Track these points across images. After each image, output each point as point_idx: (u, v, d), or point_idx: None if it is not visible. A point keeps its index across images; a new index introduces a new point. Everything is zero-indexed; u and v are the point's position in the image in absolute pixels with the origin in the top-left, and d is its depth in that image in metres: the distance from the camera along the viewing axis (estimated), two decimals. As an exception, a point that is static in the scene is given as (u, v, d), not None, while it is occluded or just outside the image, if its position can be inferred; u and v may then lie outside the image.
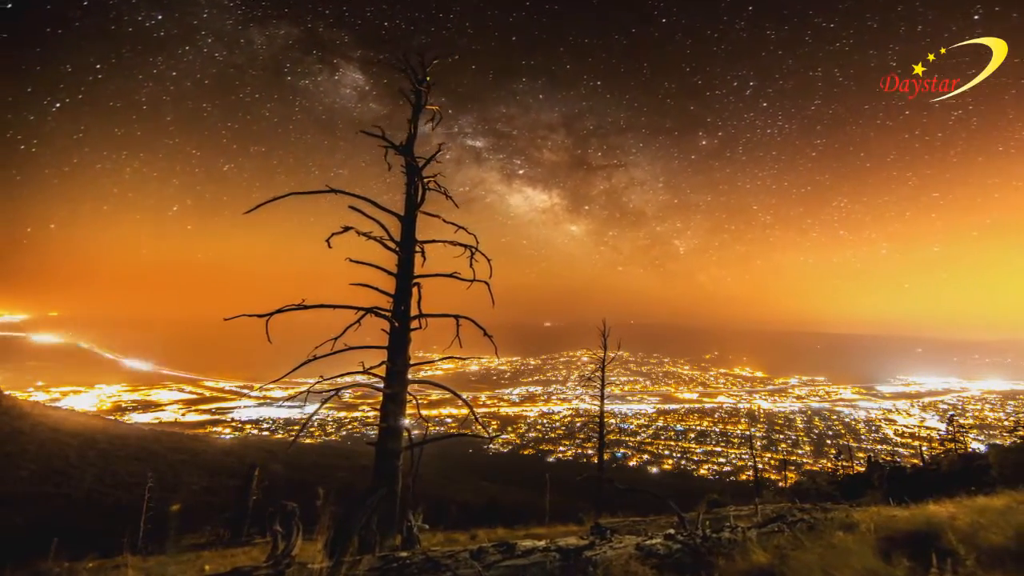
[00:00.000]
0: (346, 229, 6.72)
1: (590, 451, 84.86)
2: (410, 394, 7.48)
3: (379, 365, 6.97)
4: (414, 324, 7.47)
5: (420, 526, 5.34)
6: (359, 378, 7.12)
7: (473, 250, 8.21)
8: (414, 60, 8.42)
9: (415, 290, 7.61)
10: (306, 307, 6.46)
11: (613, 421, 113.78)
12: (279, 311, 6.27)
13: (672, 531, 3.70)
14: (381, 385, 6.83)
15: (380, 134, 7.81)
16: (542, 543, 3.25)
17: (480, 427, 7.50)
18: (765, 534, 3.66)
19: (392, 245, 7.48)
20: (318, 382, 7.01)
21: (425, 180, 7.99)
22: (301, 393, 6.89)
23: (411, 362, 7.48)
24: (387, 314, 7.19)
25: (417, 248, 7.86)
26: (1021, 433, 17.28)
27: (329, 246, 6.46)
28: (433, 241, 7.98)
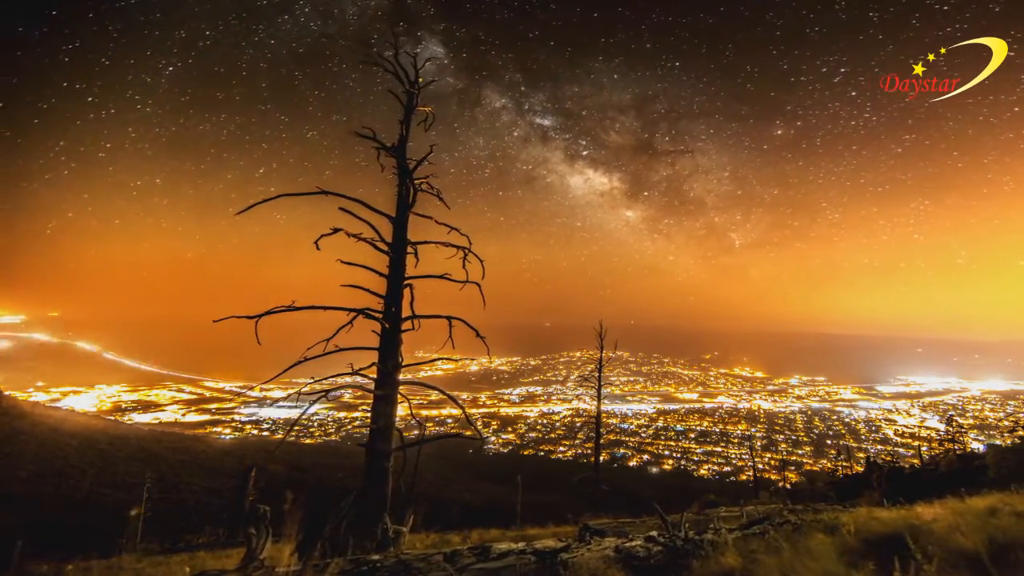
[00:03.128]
0: (335, 231, 6.72)
1: (590, 451, 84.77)
2: (402, 395, 7.49)
3: (370, 366, 6.98)
4: (406, 325, 7.48)
5: (397, 528, 5.34)
6: (357, 379, 7.13)
7: (466, 251, 8.22)
8: (405, 61, 8.42)
9: (407, 291, 7.62)
10: (296, 308, 6.47)
11: (613, 421, 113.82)
12: (269, 312, 6.27)
13: (654, 533, 3.70)
14: (372, 387, 6.83)
15: (371, 135, 7.80)
16: (519, 545, 3.24)
17: (472, 428, 7.51)
18: (747, 536, 3.66)
19: (383, 247, 7.48)
20: (310, 383, 7.03)
21: (417, 182, 7.99)
22: (292, 394, 6.91)
23: (403, 363, 7.49)
24: (378, 316, 7.19)
25: (409, 249, 7.86)
26: (1020, 433, 17.22)
27: (317, 248, 6.46)
28: (425, 242, 7.98)
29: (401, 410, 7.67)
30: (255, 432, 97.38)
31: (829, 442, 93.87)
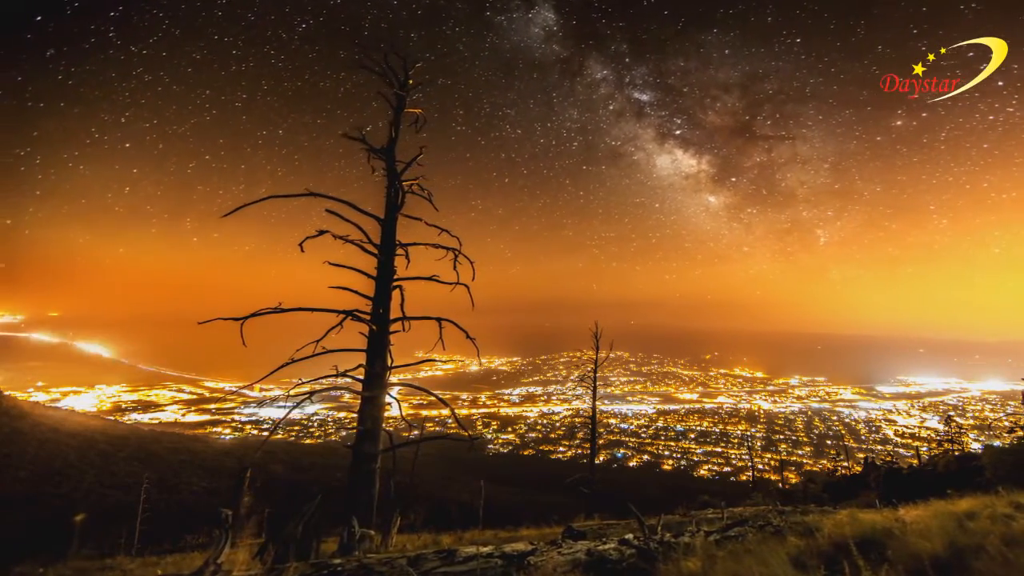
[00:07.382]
0: (320, 233, 6.73)
1: (589, 451, 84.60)
2: (396, 397, 7.50)
3: (356, 368, 6.99)
4: (395, 327, 7.49)
5: (364, 531, 5.38)
6: (345, 380, 7.14)
7: (457, 253, 8.22)
8: (395, 63, 8.42)
9: (396, 293, 7.62)
10: (283, 310, 6.47)
11: (613, 421, 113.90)
12: (255, 314, 6.27)
13: (629, 536, 3.71)
14: (360, 388, 6.84)
15: (360, 137, 7.80)
16: (487, 549, 3.25)
17: (461, 429, 7.53)
18: (723, 539, 3.67)
19: (371, 248, 7.49)
20: (300, 384, 7.04)
21: (406, 184, 8.00)
22: (281, 395, 6.94)
23: (393, 364, 7.50)
24: (366, 317, 7.20)
25: (400, 251, 7.87)
26: (1019, 434, 17.18)
27: (302, 250, 6.47)
28: (415, 244, 7.99)
29: (399, 411, 7.68)
30: (255, 432, 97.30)
31: (829, 442, 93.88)
